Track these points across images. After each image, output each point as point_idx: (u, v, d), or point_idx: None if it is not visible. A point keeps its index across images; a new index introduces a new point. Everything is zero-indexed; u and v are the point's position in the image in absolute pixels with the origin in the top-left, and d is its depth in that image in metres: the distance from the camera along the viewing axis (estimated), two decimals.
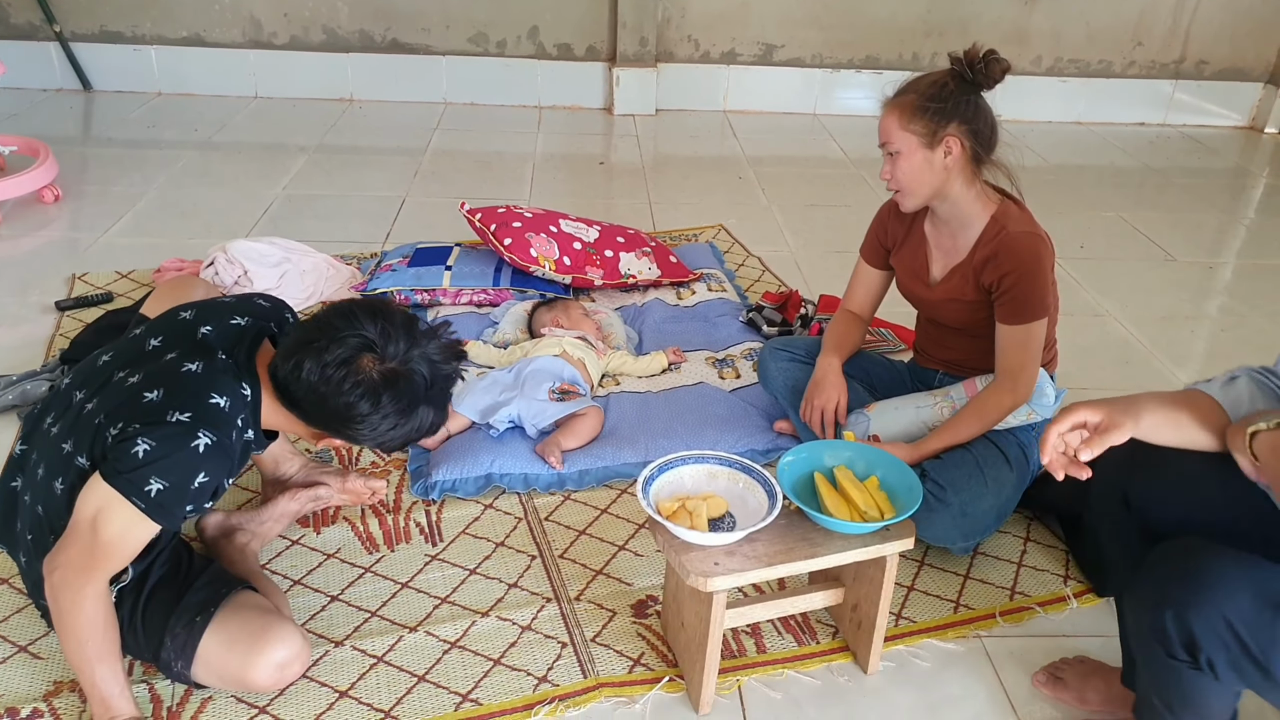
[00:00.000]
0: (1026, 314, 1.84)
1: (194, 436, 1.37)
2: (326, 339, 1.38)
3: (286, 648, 1.51)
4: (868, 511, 1.53)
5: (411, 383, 1.42)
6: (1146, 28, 4.96)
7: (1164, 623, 1.24)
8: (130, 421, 1.38)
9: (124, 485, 1.35)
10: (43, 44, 4.53)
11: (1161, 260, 3.48)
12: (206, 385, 1.43)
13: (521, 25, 4.73)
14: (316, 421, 1.47)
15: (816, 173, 4.22)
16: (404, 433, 1.46)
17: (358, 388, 1.38)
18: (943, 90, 1.80)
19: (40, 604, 1.58)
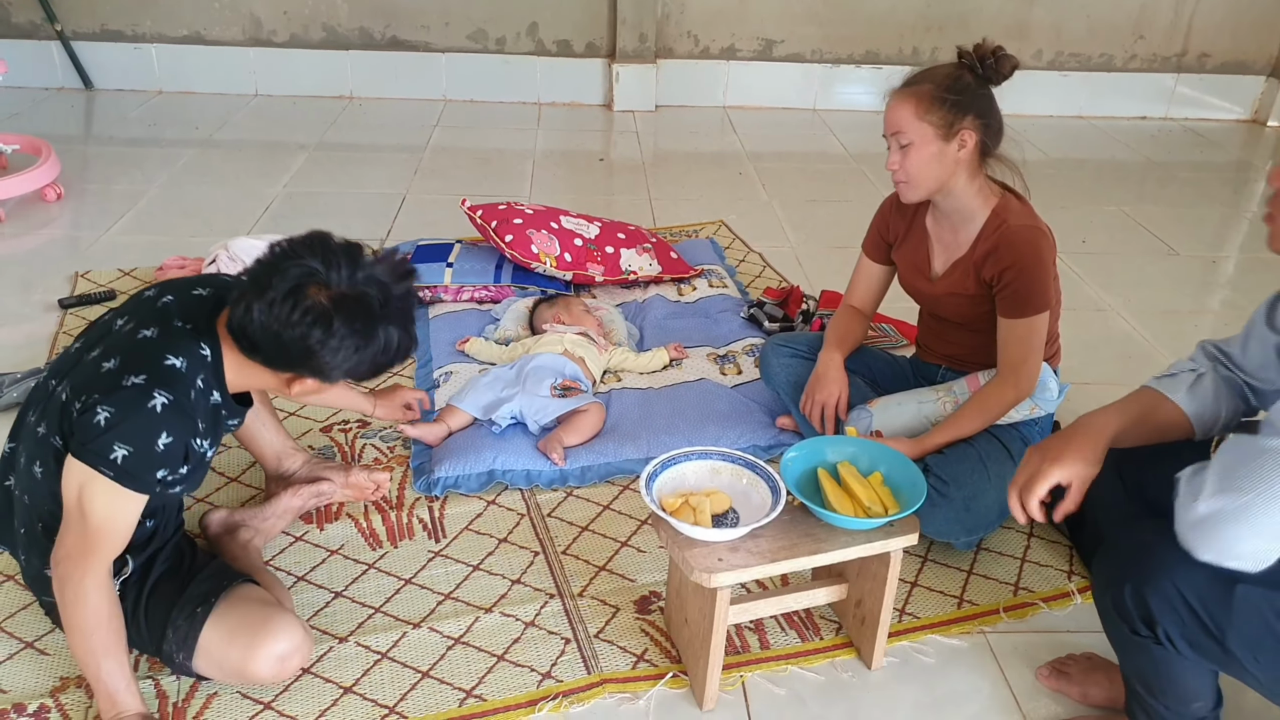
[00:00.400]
0: (1027, 308, 1.84)
1: (149, 397, 1.36)
2: (269, 277, 1.35)
3: (287, 640, 1.51)
4: (871, 507, 1.53)
5: (363, 304, 1.37)
6: (1148, 21, 4.95)
7: (1123, 598, 1.28)
8: (90, 392, 1.37)
9: (90, 457, 1.34)
10: (44, 43, 4.53)
11: (1164, 254, 3.48)
12: (162, 348, 1.42)
13: (521, 22, 4.73)
14: (279, 363, 1.42)
15: (817, 168, 4.22)
16: (370, 356, 1.41)
17: (307, 316, 1.34)
18: (960, 81, 1.79)
19: (44, 600, 1.58)
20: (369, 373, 1.45)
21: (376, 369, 1.45)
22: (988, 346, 1.99)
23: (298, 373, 1.44)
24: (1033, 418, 1.91)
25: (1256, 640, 1.21)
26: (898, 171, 1.86)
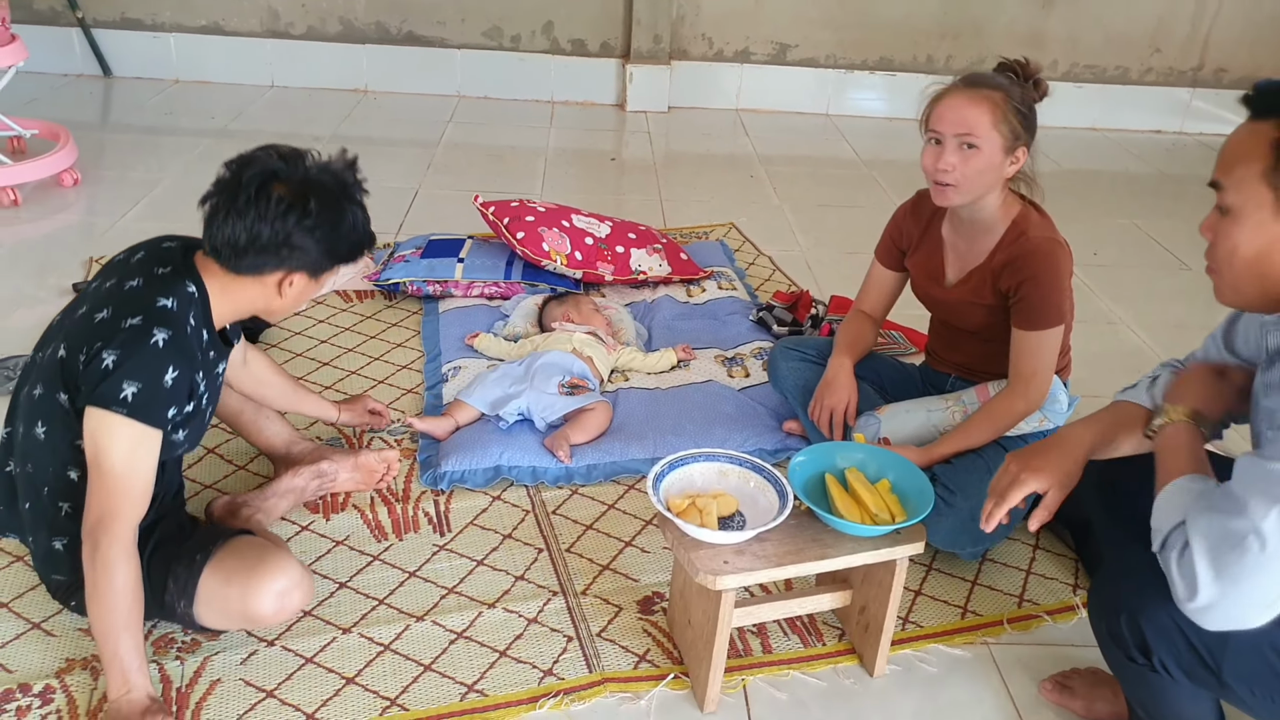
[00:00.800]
0: (1042, 320, 1.83)
1: (150, 335, 1.42)
2: (236, 188, 1.44)
3: (285, 576, 1.53)
4: (879, 514, 1.53)
5: (324, 188, 1.48)
6: (1165, 34, 4.94)
7: (1119, 626, 1.29)
8: (91, 342, 1.42)
9: (101, 399, 1.39)
10: (65, 30, 4.55)
11: (1176, 269, 3.47)
12: (151, 292, 1.47)
13: (536, 20, 4.74)
14: (266, 264, 1.49)
15: (828, 173, 4.22)
16: (345, 234, 1.51)
17: (280, 205, 1.44)
18: (1028, 97, 1.79)
19: (52, 579, 1.59)
20: (348, 253, 1.55)
21: (353, 248, 1.56)
22: (998, 356, 1.98)
23: (286, 268, 1.51)
24: (1041, 430, 1.91)
25: (1253, 674, 1.22)
26: (950, 173, 1.79)
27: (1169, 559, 1.18)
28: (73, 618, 1.67)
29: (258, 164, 1.46)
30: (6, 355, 2.33)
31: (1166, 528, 1.21)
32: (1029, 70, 1.80)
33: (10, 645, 1.61)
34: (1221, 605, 1.15)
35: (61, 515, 1.53)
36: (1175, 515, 1.21)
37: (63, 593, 1.60)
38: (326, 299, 2.80)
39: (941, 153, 1.78)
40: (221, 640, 1.64)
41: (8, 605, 1.69)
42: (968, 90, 1.77)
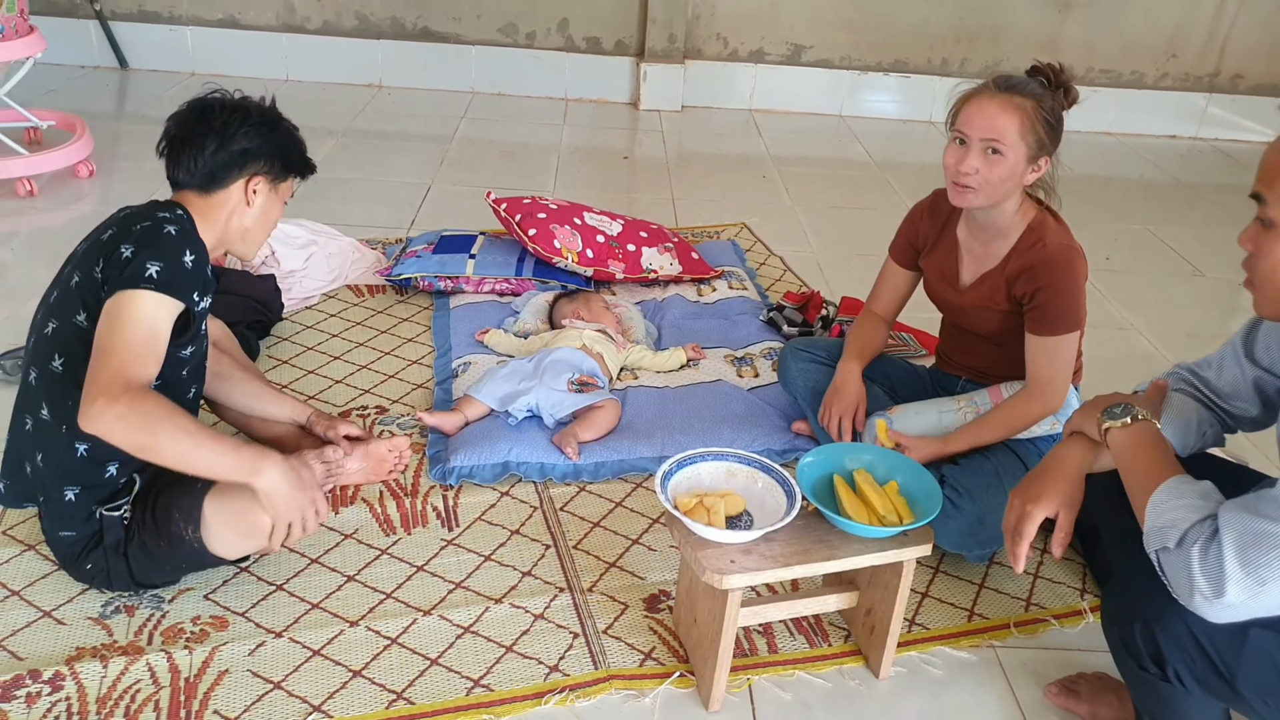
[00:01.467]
0: (1059, 326, 1.83)
1: (162, 227, 1.55)
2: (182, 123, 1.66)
3: None
4: (886, 516, 1.53)
5: (257, 103, 1.73)
6: (1181, 40, 4.92)
7: (1133, 636, 1.29)
8: (107, 254, 1.52)
9: (127, 282, 1.47)
10: (82, 21, 4.58)
11: (1189, 275, 3.45)
12: (150, 209, 1.61)
13: (552, 17, 4.74)
14: (229, 174, 1.66)
15: (841, 174, 4.21)
16: (287, 134, 1.75)
17: (223, 114, 1.66)
18: (1058, 108, 1.78)
19: (60, 538, 1.62)
20: (296, 158, 1.77)
21: (299, 155, 1.78)
22: (1010, 360, 1.98)
23: (246, 173, 1.68)
24: (1052, 434, 1.91)
25: (1267, 684, 1.21)
26: (973, 176, 1.78)
27: (1189, 554, 1.17)
28: (83, 606, 1.68)
29: (199, 99, 1.69)
30: (19, 345, 2.34)
31: (1184, 524, 1.19)
32: (1062, 77, 1.79)
33: (21, 633, 1.63)
34: (1245, 605, 1.14)
35: (77, 456, 1.57)
36: (1187, 513, 1.20)
37: (76, 553, 1.62)
38: (338, 294, 2.81)
39: (966, 155, 1.77)
40: (229, 630, 1.66)
41: (18, 593, 1.70)
42: (1000, 95, 1.75)
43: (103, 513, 1.60)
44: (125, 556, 1.62)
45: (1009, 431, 1.88)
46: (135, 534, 1.61)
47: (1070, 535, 1.43)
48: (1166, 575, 1.20)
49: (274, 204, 1.75)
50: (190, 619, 1.67)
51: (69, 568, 1.67)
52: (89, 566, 1.64)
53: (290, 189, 1.80)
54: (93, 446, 1.57)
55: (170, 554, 1.63)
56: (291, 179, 1.79)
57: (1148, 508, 1.25)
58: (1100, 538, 1.91)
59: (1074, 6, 4.81)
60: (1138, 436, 1.37)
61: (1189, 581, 1.16)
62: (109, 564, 1.62)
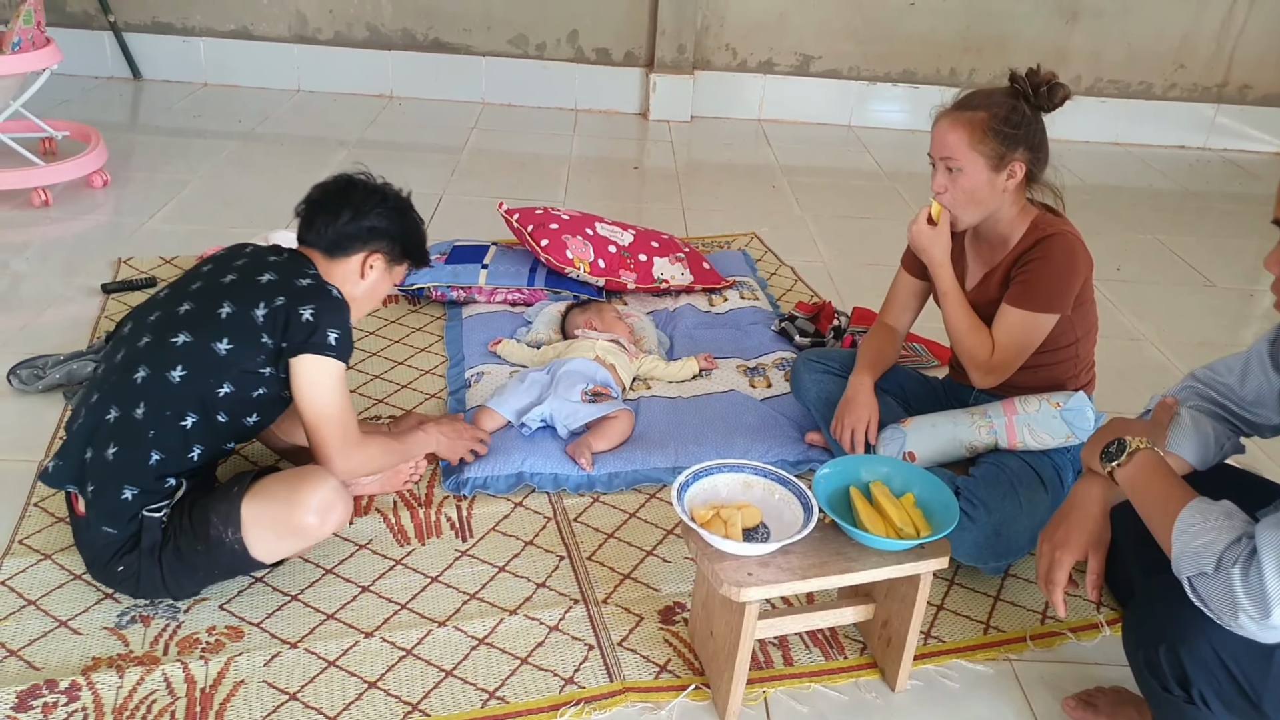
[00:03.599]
0: (1033, 300, 1.84)
1: (328, 289, 1.72)
2: (326, 191, 1.82)
3: (326, 488, 1.65)
4: (903, 528, 1.52)
5: (394, 189, 1.89)
6: (1189, 50, 4.92)
7: (1157, 657, 1.28)
8: (270, 298, 1.66)
9: (315, 348, 1.66)
10: (96, 33, 4.62)
11: (1200, 285, 3.45)
12: (297, 263, 1.76)
13: (561, 29, 4.76)
14: (353, 246, 1.79)
15: (850, 184, 4.22)
16: (414, 225, 1.88)
17: (363, 192, 1.82)
18: (1016, 113, 1.79)
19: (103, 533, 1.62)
20: (416, 247, 1.88)
21: (420, 246, 1.90)
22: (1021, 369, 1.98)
23: (368, 249, 1.80)
24: (1067, 445, 1.90)
25: None
26: (944, 195, 1.86)
27: (1230, 576, 1.16)
28: (100, 616, 1.69)
29: (345, 175, 1.84)
30: (36, 354, 2.35)
31: (1218, 547, 1.18)
32: (1038, 78, 1.79)
33: (37, 643, 1.63)
34: None
35: (150, 463, 1.60)
36: (1219, 535, 1.19)
37: (109, 555, 1.63)
38: None
39: (935, 176, 1.86)
40: (245, 641, 1.66)
41: (35, 603, 1.71)
42: (951, 114, 1.83)
43: (144, 514, 1.62)
44: (159, 561, 1.63)
45: (965, 328, 1.93)
46: (171, 538, 1.63)
47: (1103, 576, 1.44)
48: (1204, 599, 1.19)
49: (384, 282, 1.85)
50: (205, 629, 1.67)
51: (96, 570, 1.68)
52: (120, 569, 1.64)
53: (403, 273, 1.90)
54: (166, 458, 1.62)
55: (206, 558, 1.64)
56: (406, 264, 1.89)
57: (1174, 535, 1.24)
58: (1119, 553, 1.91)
59: (1081, 16, 4.81)
60: (1142, 469, 1.37)
61: (1233, 605, 1.16)
62: (140, 567, 1.63)
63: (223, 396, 1.64)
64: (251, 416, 1.71)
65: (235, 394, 1.65)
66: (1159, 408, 1.53)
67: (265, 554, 1.67)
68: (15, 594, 1.72)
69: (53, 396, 2.27)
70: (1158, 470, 1.35)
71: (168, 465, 1.63)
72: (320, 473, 1.67)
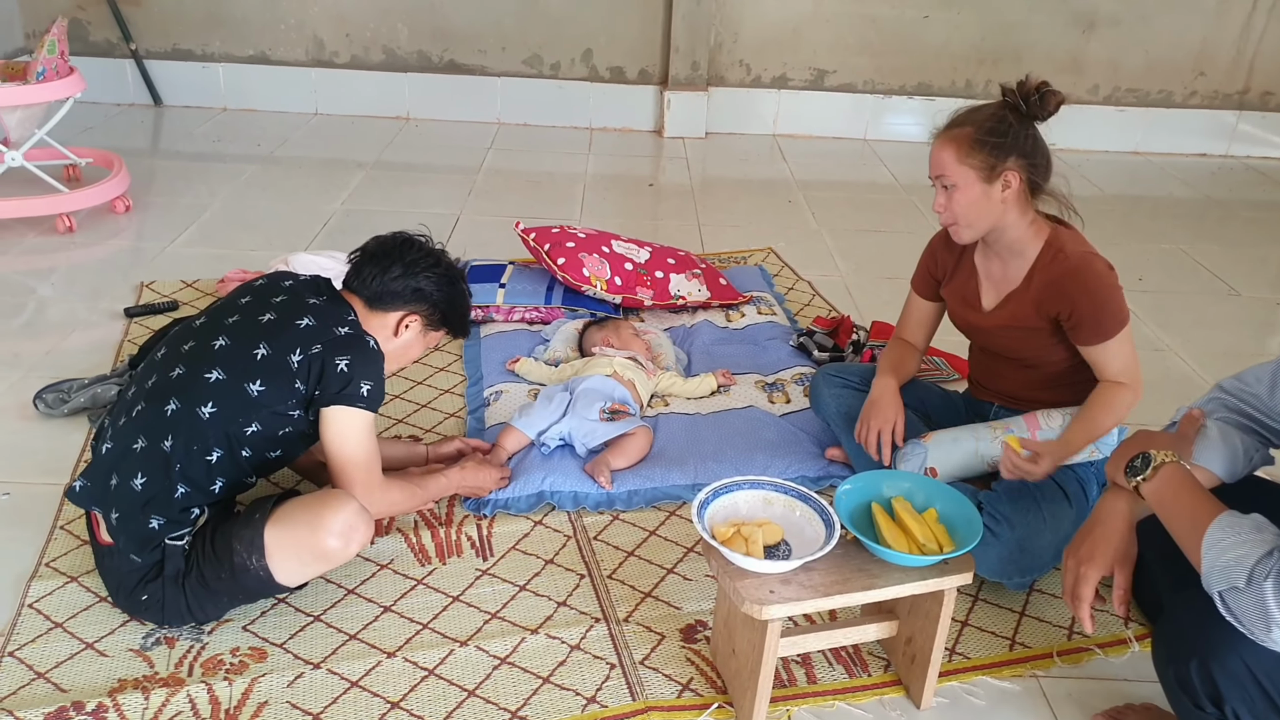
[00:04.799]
0: (1108, 330, 1.84)
1: (365, 339, 1.73)
2: (384, 245, 1.83)
3: (347, 511, 1.64)
4: (926, 544, 1.51)
5: (448, 257, 1.90)
6: (1209, 58, 4.89)
7: (1189, 674, 1.27)
8: (306, 345, 1.67)
9: (347, 399, 1.68)
10: (119, 61, 4.69)
11: (1224, 295, 3.41)
12: (337, 309, 1.76)
13: (575, 48, 4.79)
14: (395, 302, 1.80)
15: (867, 198, 4.21)
16: (459, 296, 1.88)
17: (418, 252, 1.84)
18: (1001, 124, 1.79)
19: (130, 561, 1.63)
20: (455, 317, 1.88)
21: (461, 315, 1.90)
22: (1041, 384, 1.98)
23: (408, 309, 1.81)
24: (1091, 460, 1.89)
25: None
26: (945, 213, 1.87)
27: (1263, 589, 1.14)
28: (125, 638, 1.69)
29: (403, 233, 1.86)
30: (61, 379, 2.38)
31: (1250, 560, 1.17)
32: (1027, 87, 1.79)
33: (64, 665, 1.64)
34: None
35: (176, 495, 1.61)
36: (1250, 548, 1.18)
37: (134, 583, 1.64)
38: None
39: (936, 196, 1.88)
40: (268, 661, 1.66)
41: (62, 625, 1.72)
42: (941, 134, 1.86)
43: (167, 542, 1.63)
44: (183, 588, 1.64)
45: (1116, 420, 1.86)
46: (194, 566, 1.64)
47: (1129, 592, 1.43)
48: (1235, 613, 1.17)
49: (417, 344, 1.87)
50: (229, 650, 1.68)
51: (121, 599, 1.69)
52: (144, 598, 1.65)
53: (438, 339, 1.92)
54: (189, 492, 1.63)
55: (231, 584, 1.65)
56: (443, 332, 1.90)
57: (1203, 549, 1.23)
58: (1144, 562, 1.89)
59: (1098, 25, 4.80)
60: (1168, 482, 1.36)
61: (1265, 619, 1.14)
62: (165, 595, 1.64)
63: (250, 435, 1.66)
64: (275, 452, 1.72)
65: (262, 433, 1.67)
66: (1184, 420, 1.51)
67: (289, 578, 1.67)
68: (43, 616, 1.74)
69: (78, 420, 2.29)
70: (1184, 484, 1.33)
71: (193, 497, 1.64)
72: (342, 496, 1.68)
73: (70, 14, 4.55)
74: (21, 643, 1.68)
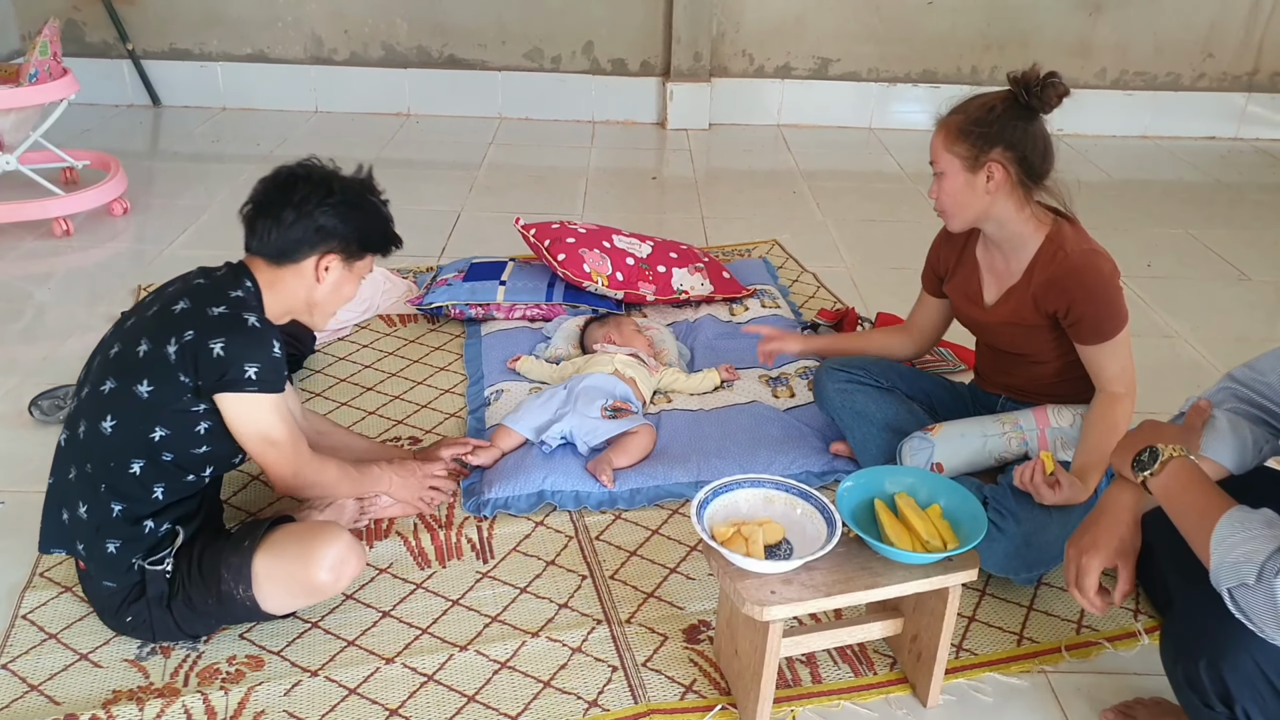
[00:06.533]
0: (1107, 331, 1.81)
1: (243, 319, 1.58)
2: (267, 191, 1.66)
3: (338, 543, 1.61)
4: (930, 541, 1.48)
5: (345, 179, 1.72)
6: (1218, 39, 4.83)
7: (1198, 672, 1.25)
8: (180, 331, 1.55)
9: (232, 386, 1.56)
10: (115, 61, 4.68)
11: (1235, 279, 3.36)
12: (221, 285, 1.63)
13: (576, 41, 4.76)
14: (302, 249, 1.64)
15: (872, 187, 4.17)
16: (369, 215, 1.72)
17: (306, 189, 1.64)
18: (989, 113, 1.77)
19: (104, 588, 1.61)
20: (376, 238, 1.73)
21: (379, 235, 1.75)
22: (1046, 378, 1.95)
23: (320, 250, 1.66)
24: None
25: None
26: (936, 201, 1.87)
27: (1273, 586, 1.11)
28: (120, 649, 1.68)
29: (286, 169, 1.68)
30: (57, 385, 2.36)
31: (1259, 556, 1.13)
32: (1030, 77, 1.75)
33: (58, 676, 1.62)
34: None
35: (114, 517, 1.57)
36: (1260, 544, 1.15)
37: (115, 606, 1.62)
38: (370, 324, 2.82)
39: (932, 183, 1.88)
40: (265, 670, 1.64)
41: (56, 636, 1.70)
42: (937, 122, 1.85)
43: (144, 565, 1.59)
44: (169, 609, 1.61)
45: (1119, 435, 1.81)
46: (181, 589, 1.61)
47: (1133, 584, 1.40)
48: (1245, 611, 1.15)
49: (347, 280, 1.73)
50: (226, 659, 1.66)
51: (108, 619, 1.67)
52: (129, 619, 1.63)
53: (368, 266, 1.76)
54: (127, 507, 1.58)
55: (218, 610, 1.63)
56: (369, 257, 1.75)
57: (1212, 544, 1.19)
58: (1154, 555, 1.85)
59: (1105, 8, 4.74)
60: (1176, 477, 1.32)
61: (1275, 615, 1.12)
62: (152, 616, 1.61)
63: (160, 440, 1.56)
64: (200, 448, 1.61)
65: (174, 435, 1.57)
66: (1192, 411, 1.48)
67: (277, 608, 1.65)
68: (36, 628, 1.72)
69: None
70: (1192, 478, 1.30)
71: (134, 510, 1.57)
72: (333, 529, 1.64)
73: (65, 15, 4.54)
74: (15, 654, 1.67)
